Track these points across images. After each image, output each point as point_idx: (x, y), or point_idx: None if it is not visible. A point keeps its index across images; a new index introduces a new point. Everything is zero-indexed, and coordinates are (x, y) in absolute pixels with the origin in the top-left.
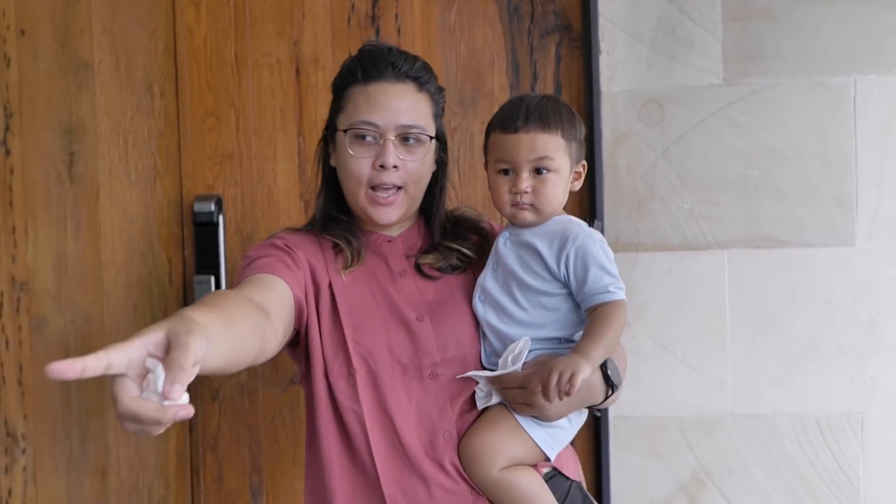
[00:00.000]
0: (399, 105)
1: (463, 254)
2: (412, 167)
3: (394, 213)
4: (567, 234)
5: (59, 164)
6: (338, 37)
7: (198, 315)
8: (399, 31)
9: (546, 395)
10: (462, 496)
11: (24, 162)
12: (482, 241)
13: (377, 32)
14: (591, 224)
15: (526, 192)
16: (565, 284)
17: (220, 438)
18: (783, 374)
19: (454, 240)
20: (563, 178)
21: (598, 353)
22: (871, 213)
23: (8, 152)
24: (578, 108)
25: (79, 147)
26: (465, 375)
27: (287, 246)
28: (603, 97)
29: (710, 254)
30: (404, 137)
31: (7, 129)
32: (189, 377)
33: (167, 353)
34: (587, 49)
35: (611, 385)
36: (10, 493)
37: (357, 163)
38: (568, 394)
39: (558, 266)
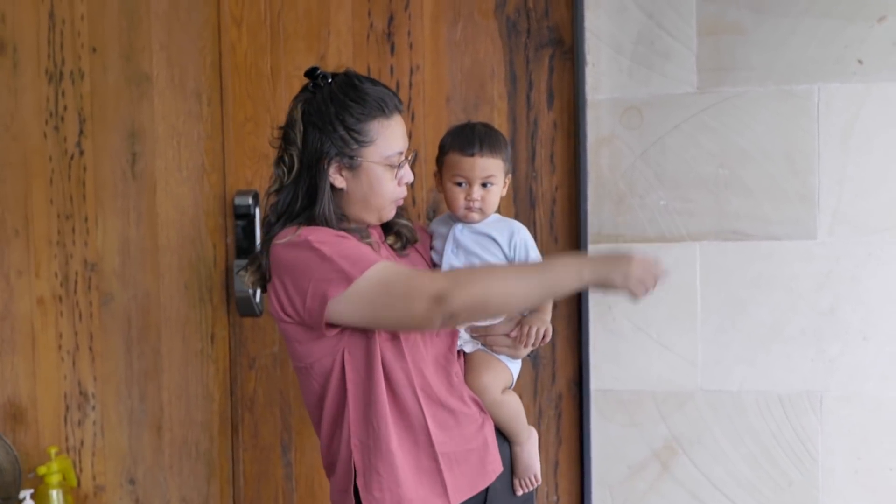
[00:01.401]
0: (405, 131)
1: (409, 227)
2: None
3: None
4: (512, 228)
5: (124, 163)
6: (358, 51)
7: None
8: (411, 46)
9: (525, 344)
10: (474, 418)
11: (95, 161)
12: (402, 215)
13: (392, 48)
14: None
15: (476, 200)
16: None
17: (256, 401)
18: (749, 355)
19: (398, 217)
20: (499, 187)
21: (549, 313)
22: (831, 210)
23: (82, 153)
24: (567, 114)
25: (140, 148)
26: (469, 326)
27: (345, 233)
28: (588, 104)
29: (683, 245)
30: (409, 157)
31: (81, 133)
32: None
33: None
34: (576, 61)
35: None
36: (82, 443)
37: (394, 186)
38: (542, 343)
39: (510, 249)
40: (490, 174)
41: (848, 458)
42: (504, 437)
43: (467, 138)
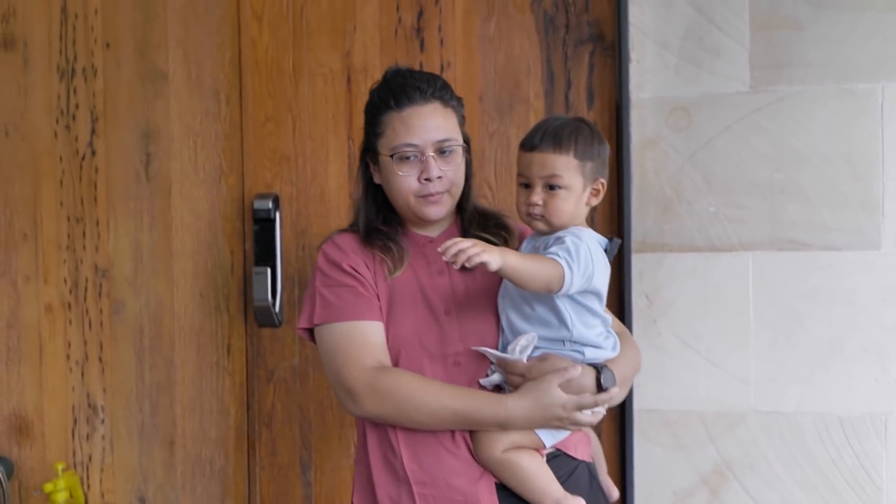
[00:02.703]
0: (431, 124)
1: (489, 241)
2: (451, 174)
3: (441, 209)
4: (562, 234)
5: (137, 164)
6: (386, 48)
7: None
8: (442, 42)
9: (444, 247)
10: (469, 465)
11: (107, 161)
12: (507, 234)
13: (421, 44)
14: (610, 240)
15: (537, 205)
16: None
17: (274, 417)
18: (806, 373)
19: (482, 230)
20: (573, 194)
21: (510, 260)
22: None
23: (94, 153)
24: (609, 115)
25: (154, 148)
26: (477, 349)
27: (354, 269)
28: (632, 104)
29: (734, 255)
30: (441, 150)
31: (93, 132)
32: None
33: None
34: (618, 58)
35: (602, 391)
36: (90, 458)
37: (406, 180)
38: (456, 258)
39: (543, 253)
40: (552, 173)
41: None
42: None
43: (531, 130)
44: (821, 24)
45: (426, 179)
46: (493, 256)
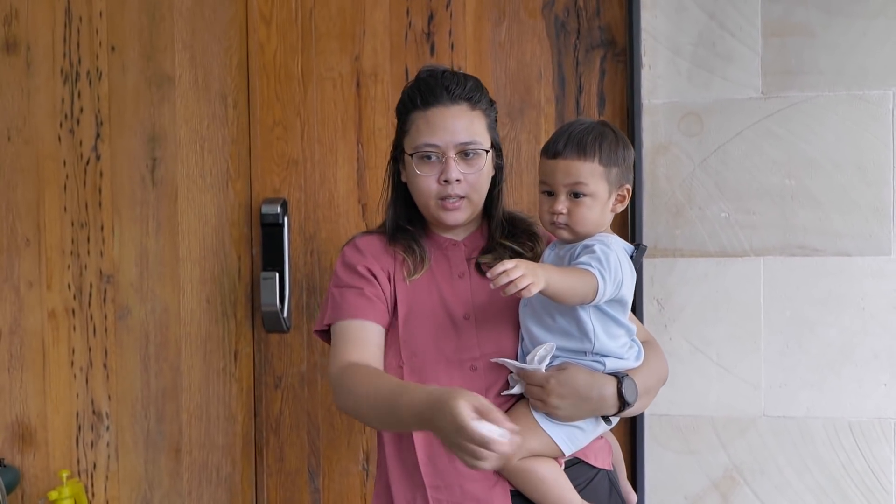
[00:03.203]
0: (455, 125)
1: (516, 251)
2: (472, 178)
3: (460, 215)
4: (592, 241)
5: (143, 169)
6: (396, 52)
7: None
8: (452, 46)
9: (493, 274)
10: (484, 471)
11: (112, 166)
12: (534, 242)
13: (432, 49)
14: (636, 247)
15: (561, 213)
16: None
17: (281, 423)
18: (817, 378)
19: (509, 238)
20: (598, 201)
21: (553, 279)
22: None
23: (98, 157)
24: (621, 120)
25: (160, 153)
26: (496, 360)
27: (368, 270)
28: (644, 109)
29: (746, 261)
30: (464, 153)
31: (98, 136)
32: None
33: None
34: (630, 63)
35: (623, 402)
36: (94, 466)
37: (425, 180)
38: (505, 288)
39: (570, 263)
40: (577, 181)
41: None
42: None
43: (554, 136)
44: (833, 30)
45: (445, 181)
46: (539, 279)
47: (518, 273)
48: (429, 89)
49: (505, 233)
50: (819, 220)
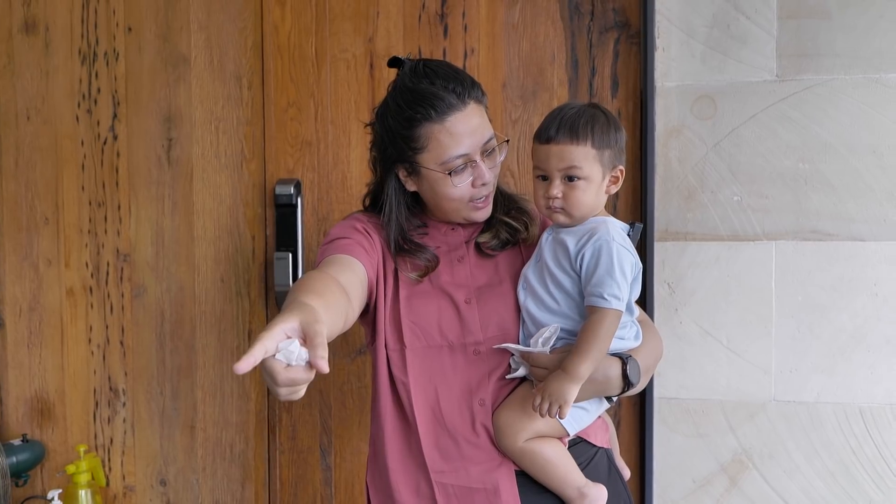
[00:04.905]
0: (475, 127)
1: (511, 227)
2: (496, 171)
3: (489, 210)
4: (594, 233)
5: (159, 149)
6: (409, 33)
7: (313, 303)
8: (466, 28)
9: (540, 414)
10: (488, 453)
11: (129, 146)
12: (528, 220)
13: (445, 30)
14: (632, 226)
15: (557, 198)
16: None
17: (294, 401)
18: (828, 363)
19: (505, 215)
20: (593, 184)
21: (584, 369)
22: None
23: (115, 137)
24: (634, 103)
25: (176, 133)
26: (500, 346)
27: (366, 230)
28: (657, 92)
29: (758, 245)
30: (487, 151)
31: (115, 116)
32: (326, 352)
33: (302, 338)
34: (644, 45)
35: (627, 382)
36: (111, 441)
37: (461, 190)
38: (561, 416)
39: (576, 258)
40: (570, 165)
41: None
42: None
43: (545, 121)
44: (849, 12)
45: (483, 184)
46: (570, 392)
47: (545, 406)
48: (436, 97)
49: (502, 209)
50: (833, 205)
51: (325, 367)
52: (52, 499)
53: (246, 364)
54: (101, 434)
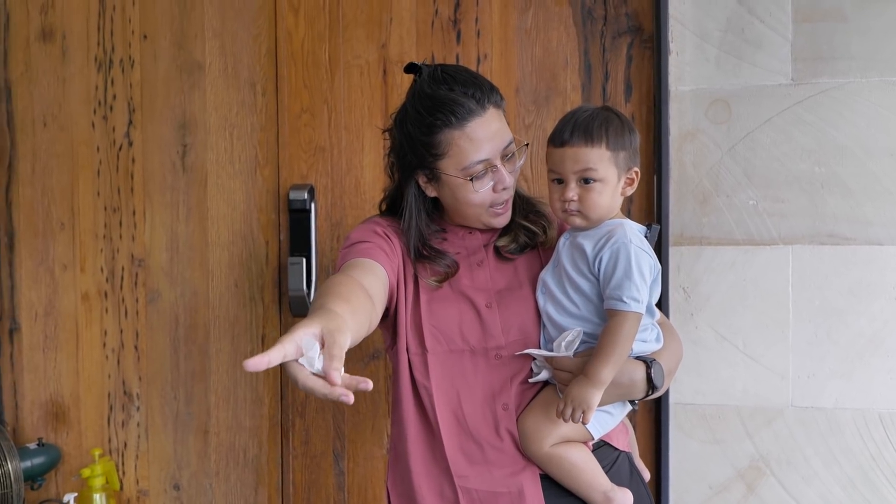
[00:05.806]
0: (494, 132)
1: (530, 230)
2: (516, 175)
3: (509, 215)
4: (611, 235)
5: (174, 155)
6: (422, 40)
7: (339, 309)
8: (479, 33)
9: (564, 420)
10: (512, 457)
11: (144, 152)
12: (546, 223)
13: (458, 36)
14: (648, 227)
15: (573, 201)
16: None
17: (307, 406)
18: (846, 369)
19: (522, 217)
20: (608, 186)
21: (606, 374)
22: None
23: (130, 144)
24: (647, 107)
25: (191, 139)
26: (523, 352)
27: (385, 234)
28: (671, 96)
29: (774, 249)
30: (507, 155)
31: (130, 123)
32: (342, 364)
33: (322, 345)
34: (657, 50)
35: (652, 386)
36: (125, 445)
37: (482, 195)
38: (585, 421)
39: (594, 261)
40: (586, 167)
41: None
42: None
43: (559, 125)
44: (864, 15)
45: (503, 189)
46: (593, 397)
47: (569, 412)
48: (455, 103)
49: (520, 213)
50: (849, 208)
51: (336, 379)
52: (68, 502)
53: (258, 362)
54: (116, 438)
